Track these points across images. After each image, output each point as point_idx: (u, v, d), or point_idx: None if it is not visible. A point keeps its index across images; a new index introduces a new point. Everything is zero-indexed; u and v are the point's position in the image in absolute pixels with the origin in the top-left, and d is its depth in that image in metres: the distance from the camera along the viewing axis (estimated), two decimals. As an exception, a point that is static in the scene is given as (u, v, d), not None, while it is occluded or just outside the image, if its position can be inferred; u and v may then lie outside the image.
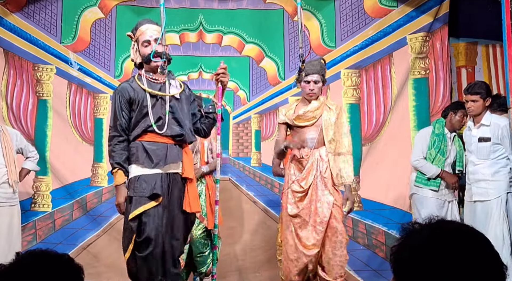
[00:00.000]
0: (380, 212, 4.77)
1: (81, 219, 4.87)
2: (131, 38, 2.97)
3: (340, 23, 5.09)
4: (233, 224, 4.84)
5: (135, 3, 5.11)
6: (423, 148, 4.23)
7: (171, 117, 2.92)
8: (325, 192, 3.41)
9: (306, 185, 3.42)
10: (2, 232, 3.94)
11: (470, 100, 3.86)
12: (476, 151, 3.88)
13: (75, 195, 4.90)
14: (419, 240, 1.05)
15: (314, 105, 3.50)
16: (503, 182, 3.79)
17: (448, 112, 4.25)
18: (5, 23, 4.76)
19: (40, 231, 4.79)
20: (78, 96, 5.07)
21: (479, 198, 3.83)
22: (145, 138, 2.89)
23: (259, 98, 5.24)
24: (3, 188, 3.99)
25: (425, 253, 1.01)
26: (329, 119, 3.50)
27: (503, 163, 3.81)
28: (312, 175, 3.43)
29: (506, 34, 3.45)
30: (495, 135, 3.80)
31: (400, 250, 1.07)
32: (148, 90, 2.87)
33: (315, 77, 3.48)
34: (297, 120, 3.53)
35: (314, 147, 3.48)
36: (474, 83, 3.99)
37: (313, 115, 3.50)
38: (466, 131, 4.06)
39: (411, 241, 1.07)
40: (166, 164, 2.86)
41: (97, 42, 5.11)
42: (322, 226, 3.36)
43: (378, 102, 4.99)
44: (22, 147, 4.29)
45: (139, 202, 2.79)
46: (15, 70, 4.88)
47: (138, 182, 2.84)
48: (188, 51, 5.24)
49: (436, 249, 1.01)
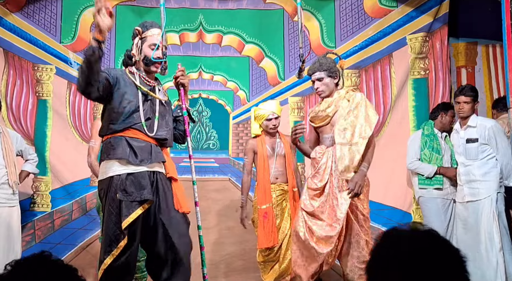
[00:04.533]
0: (379, 212, 4.77)
1: (81, 219, 4.86)
2: (138, 34, 2.90)
3: (340, 23, 5.10)
4: (233, 224, 4.84)
5: (135, 3, 5.11)
6: (416, 150, 4.31)
7: (159, 121, 2.85)
8: (343, 188, 3.25)
9: (321, 182, 3.32)
10: (1, 233, 3.93)
11: (463, 102, 3.92)
12: (465, 152, 3.95)
13: (74, 195, 4.90)
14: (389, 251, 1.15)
15: (324, 104, 3.40)
16: (493, 182, 3.84)
17: (438, 113, 4.34)
18: (5, 23, 4.75)
19: (40, 231, 4.78)
20: (78, 96, 5.06)
21: (471, 198, 3.89)
22: (128, 134, 2.74)
23: (259, 98, 5.24)
24: (3, 189, 3.98)
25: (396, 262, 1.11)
26: (341, 112, 3.30)
27: (493, 163, 3.87)
28: (327, 173, 3.31)
29: (506, 34, 3.45)
30: (482, 136, 3.87)
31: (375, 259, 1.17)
32: (142, 88, 2.81)
33: (316, 75, 3.38)
34: (313, 121, 3.49)
35: (331, 144, 3.36)
36: (466, 86, 4.09)
37: (326, 114, 3.37)
38: (453, 134, 4.14)
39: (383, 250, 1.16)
40: (151, 162, 2.74)
41: (97, 42, 5.10)
42: (339, 223, 3.19)
43: (378, 102, 4.99)
44: (22, 149, 4.28)
45: (130, 207, 2.64)
46: (15, 70, 4.87)
47: (126, 182, 2.67)
48: (188, 51, 5.24)
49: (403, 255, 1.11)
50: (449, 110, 4.33)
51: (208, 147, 5.34)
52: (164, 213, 2.78)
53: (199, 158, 5.22)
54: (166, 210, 2.79)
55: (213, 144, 5.34)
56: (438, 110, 4.38)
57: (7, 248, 3.96)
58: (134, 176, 2.70)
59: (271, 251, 3.84)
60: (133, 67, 2.91)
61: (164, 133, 2.86)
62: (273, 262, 3.87)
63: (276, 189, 3.90)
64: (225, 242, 4.73)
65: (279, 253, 3.83)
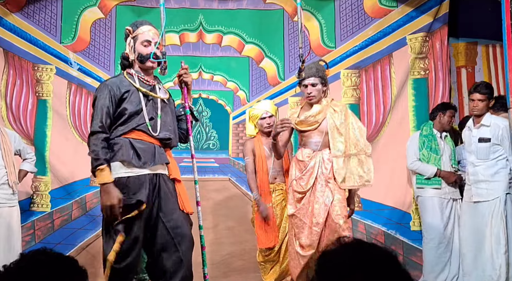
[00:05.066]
0: (379, 212, 4.77)
1: (81, 219, 4.86)
2: (129, 33, 2.90)
3: (340, 23, 5.09)
4: (233, 224, 4.84)
5: (135, 3, 5.11)
6: (415, 151, 4.31)
7: (162, 120, 2.86)
8: (325, 193, 3.36)
9: (307, 186, 3.40)
10: (2, 233, 3.94)
11: (477, 99, 3.86)
12: (476, 151, 3.90)
13: (74, 195, 4.90)
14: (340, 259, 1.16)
15: (315, 110, 3.46)
16: (503, 182, 3.80)
17: (436, 114, 4.33)
18: (5, 23, 4.75)
19: (39, 231, 4.78)
20: (78, 96, 5.06)
21: (479, 198, 3.85)
22: (132, 135, 2.76)
23: (259, 98, 5.24)
24: (2, 189, 3.98)
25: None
26: (333, 123, 3.43)
27: (502, 164, 3.83)
28: (313, 177, 3.39)
29: (506, 34, 3.44)
30: (495, 136, 3.81)
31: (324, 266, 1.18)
32: (142, 90, 2.81)
33: (311, 80, 3.44)
34: (299, 125, 3.51)
35: (318, 149, 3.44)
36: (481, 83, 4.00)
37: (315, 120, 3.45)
38: (465, 131, 4.08)
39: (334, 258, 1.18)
40: (154, 164, 2.76)
41: (97, 42, 5.11)
42: (318, 227, 3.31)
43: (378, 102, 4.99)
44: (20, 148, 4.28)
45: (125, 210, 2.67)
46: (15, 70, 4.87)
47: (126, 184, 2.71)
48: (188, 51, 5.24)
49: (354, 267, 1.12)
50: (448, 110, 4.30)
51: (208, 147, 5.34)
52: (166, 214, 2.79)
53: (199, 158, 5.22)
54: (168, 211, 2.80)
55: (213, 144, 5.34)
56: (436, 110, 4.37)
57: (7, 248, 3.96)
58: (135, 178, 2.72)
59: (272, 251, 3.84)
60: (131, 68, 2.91)
61: (167, 133, 2.87)
62: (273, 262, 3.88)
63: (275, 189, 3.92)
64: (225, 242, 4.73)
65: (279, 253, 3.84)
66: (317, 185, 3.39)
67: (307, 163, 3.43)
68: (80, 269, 1.28)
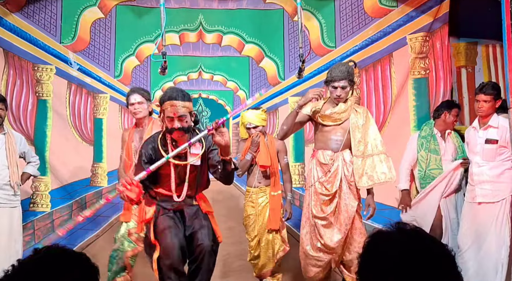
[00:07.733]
0: (380, 212, 4.75)
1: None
2: (159, 106, 3.04)
3: (340, 23, 5.09)
4: (233, 224, 4.84)
5: (135, 3, 5.11)
6: (411, 153, 4.28)
7: (191, 183, 3.07)
8: (350, 195, 3.51)
9: (333, 188, 3.50)
10: (3, 233, 3.93)
11: (482, 100, 3.77)
12: (482, 152, 3.83)
13: (74, 195, 4.89)
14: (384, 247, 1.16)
15: (341, 107, 3.53)
16: (508, 183, 3.75)
17: (442, 112, 4.21)
18: (5, 23, 4.75)
19: (39, 231, 4.78)
20: (78, 96, 5.06)
21: (483, 199, 3.80)
22: (160, 192, 3.11)
23: (259, 98, 5.24)
24: (4, 189, 3.98)
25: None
26: (356, 122, 3.54)
27: (508, 165, 3.77)
28: (338, 179, 3.51)
29: (506, 34, 3.43)
30: (503, 137, 3.74)
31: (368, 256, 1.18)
32: (172, 161, 2.95)
33: (342, 83, 3.47)
34: (323, 118, 3.56)
35: (339, 149, 3.53)
36: (487, 83, 3.88)
37: (339, 117, 3.54)
38: (469, 131, 4.02)
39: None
40: None
41: (96, 42, 5.11)
42: (346, 226, 3.48)
43: (378, 102, 4.99)
44: (25, 151, 4.28)
45: None
46: (15, 70, 4.87)
47: None
48: (188, 51, 5.24)
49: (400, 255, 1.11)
50: (453, 108, 4.20)
51: (208, 147, 5.33)
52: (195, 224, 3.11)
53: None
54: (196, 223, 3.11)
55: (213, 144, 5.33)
56: (441, 108, 4.25)
57: (8, 248, 3.95)
58: None
59: (253, 249, 4.04)
60: (167, 134, 3.06)
61: (190, 200, 3.13)
62: (258, 258, 4.05)
63: (258, 192, 4.05)
64: (225, 242, 4.69)
65: (258, 249, 4.02)
66: (342, 187, 3.52)
67: (331, 165, 3.51)
68: (93, 265, 1.35)
